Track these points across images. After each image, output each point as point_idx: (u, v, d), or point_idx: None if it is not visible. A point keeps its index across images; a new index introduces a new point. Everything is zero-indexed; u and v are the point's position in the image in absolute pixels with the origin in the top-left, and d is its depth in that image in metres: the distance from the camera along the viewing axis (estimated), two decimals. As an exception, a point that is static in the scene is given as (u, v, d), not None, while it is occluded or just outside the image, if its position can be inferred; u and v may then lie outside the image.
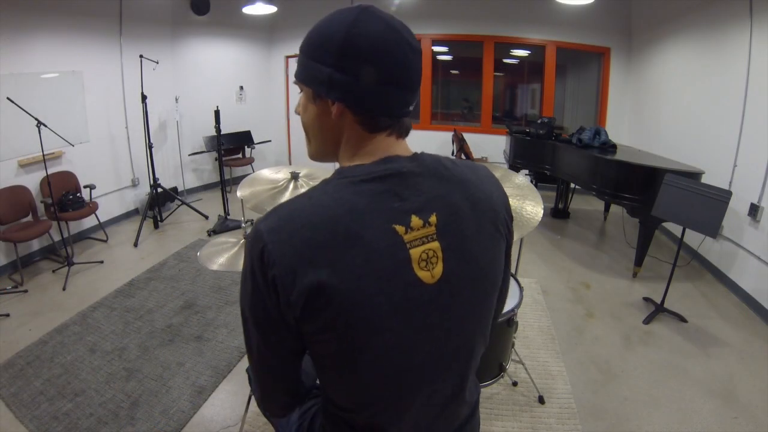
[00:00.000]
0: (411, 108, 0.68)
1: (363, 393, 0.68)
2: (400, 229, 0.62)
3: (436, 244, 0.64)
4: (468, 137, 5.46)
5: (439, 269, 0.64)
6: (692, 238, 3.46)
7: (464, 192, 0.68)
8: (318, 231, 0.59)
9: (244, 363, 2.44)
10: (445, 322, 0.67)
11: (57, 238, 3.77)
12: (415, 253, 0.62)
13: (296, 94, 0.71)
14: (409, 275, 0.62)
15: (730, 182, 3.30)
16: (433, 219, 0.64)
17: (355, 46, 0.61)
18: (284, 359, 0.70)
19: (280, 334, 0.65)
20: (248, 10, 4.89)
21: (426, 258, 0.63)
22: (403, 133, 0.69)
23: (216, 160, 5.06)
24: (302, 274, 0.58)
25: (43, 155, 3.30)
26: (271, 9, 4.91)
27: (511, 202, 0.77)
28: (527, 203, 1.88)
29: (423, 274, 0.63)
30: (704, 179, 3.18)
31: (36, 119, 3.23)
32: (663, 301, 2.93)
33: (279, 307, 0.62)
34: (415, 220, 0.63)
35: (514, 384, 2.26)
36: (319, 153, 0.73)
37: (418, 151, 0.70)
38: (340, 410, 0.72)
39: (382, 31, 0.62)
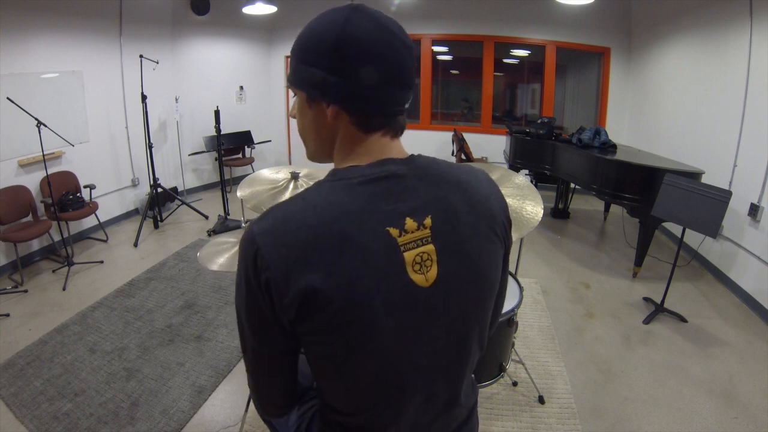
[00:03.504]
0: (406, 106, 0.67)
1: (360, 396, 0.67)
2: (394, 231, 0.61)
3: (430, 247, 0.63)
4: (468, 137, 5.47)
5: (433, 272, 0.63)
6: (692, 238, 3.47)
7: (461, 194, 0.67)
8: (312, 233, 0.59)
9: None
10: (441, 325, 0.66)
11: (57, 238, 3.77)
12: (408, 256, 0.61)
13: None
14: (404, 278, 0.61)
15: (730, 182, 3.30)
16: (427, 221, 0.63)
17: (347, 47, 0.60)
18: (280, 360, 0.70)
19: (275, 336, 0.65)
20: (248, 10, 4.88)
21: (420, 261, 0.62)
22: (398, 132, 0.69)
23: (216, 160, 5.06)
24: (297, 276, 0.58)
25: (43, 155, 3.30)
26: (271, 9, 4.91)
27: (511, 202, 0.77)
28: (527, 203, 1.88)
29: (417, 278, 0.62)
30: (704, 179, 3.18)
31: (36, 119, 3.23)
32: (663, 301, 2.93)
33: (274, 310, 0.61)
34: (410, 223, 0.62)
35: (514, 384, 2.26)
36: (317, 155, 0.73)
37: (415, 153, 0.69)
38: (336, 413, 0.72)
39: (373, 30, 0.61)
